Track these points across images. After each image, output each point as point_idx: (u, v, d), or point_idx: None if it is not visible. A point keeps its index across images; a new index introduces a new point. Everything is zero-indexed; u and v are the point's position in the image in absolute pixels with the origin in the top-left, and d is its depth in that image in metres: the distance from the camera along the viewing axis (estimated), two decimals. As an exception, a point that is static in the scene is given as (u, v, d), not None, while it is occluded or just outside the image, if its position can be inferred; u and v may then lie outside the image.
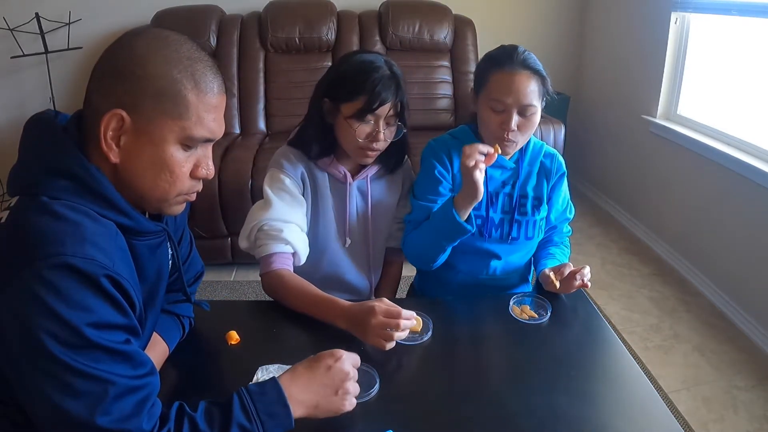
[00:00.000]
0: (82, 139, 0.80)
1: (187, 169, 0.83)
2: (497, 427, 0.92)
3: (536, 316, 1.21)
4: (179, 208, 0.88)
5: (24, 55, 3.01)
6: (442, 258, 1.34)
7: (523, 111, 1.26)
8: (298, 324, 1.18)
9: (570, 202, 1.50)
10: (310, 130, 1.33)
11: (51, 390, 0.69)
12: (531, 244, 1.44)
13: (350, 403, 0.88)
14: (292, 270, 1.27)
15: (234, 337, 1.10)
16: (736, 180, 2.39)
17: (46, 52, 3.02)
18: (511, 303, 1.24)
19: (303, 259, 1.31)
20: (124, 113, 0.76)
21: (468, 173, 1.20)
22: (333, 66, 1.34)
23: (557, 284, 1.26)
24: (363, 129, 1.26)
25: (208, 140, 0.84)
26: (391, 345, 1.05)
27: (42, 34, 3.00)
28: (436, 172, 1.37)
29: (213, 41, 3.09)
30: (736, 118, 2.56)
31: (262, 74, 3.15)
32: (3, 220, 0.76)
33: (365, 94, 1.23)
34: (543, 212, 1.41)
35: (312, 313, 1.17)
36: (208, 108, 0.81)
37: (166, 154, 0.80)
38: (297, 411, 0.84)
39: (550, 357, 1.11)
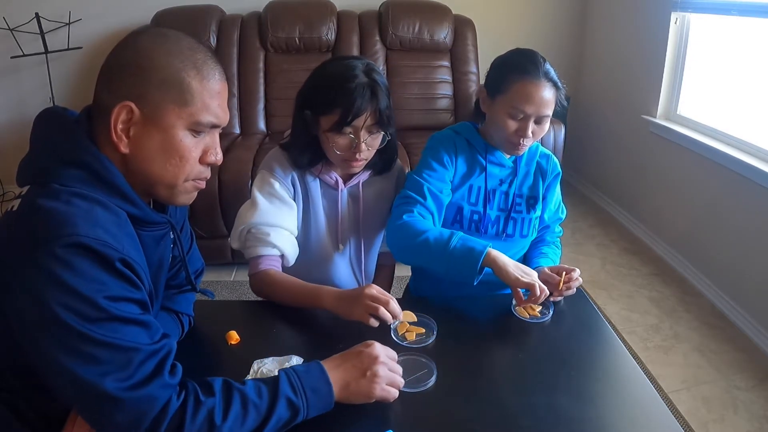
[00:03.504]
0: (91, 131, 0.83)
1: (197, 155, 0.86)
2: (497, 427, 0.92)
3: (539, 315, 1.21)
4: (189, 198, 0.91)
5: (24, 55, 3.01)
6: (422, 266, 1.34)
7: (539, 120, 1.28)
8: (298, 324, 1.18)
9: (562, 203, 1.51)
10: (296, 142, 1.30)
11: (75, 365, 0.71)
12: (525, 242, 1.45)
13: (381, 388, 0.90)
14: (279, 270, 1.27)
15: (234, 337, 1.10)
16: (736, 180, 2.39)
17: (46, 52, 3.02)
18: (513, 302, 1.23)
19: (291, 261, 1.31)
20: (133, 105, 0.79)
21: (521, 284, 1.17)
22: (310, 75, 1.29)
23: (561, 286, 1.24)
24: (342, 142, 1.23)
25: (214, 126, 0.87)
26: (375, 323, 1.06)
27: (42, 34, 3.00)
28: (445, 158, 1.36)
29: (213, 41, 3.09)
30: (736, 118, 2.56)
31: (262, 74, 3.15)
32: (14, 209, 0.78)
33: (340, 105, 1.19)
34: (538, 211, 1.43)
35: (300, 302, 1.19)
36: (212, 94, 0.85)
37: (176, 140, 0.83)
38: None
39: (550, 357, 1.11)
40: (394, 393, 0.92)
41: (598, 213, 3.52)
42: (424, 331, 1.13)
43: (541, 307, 1.22)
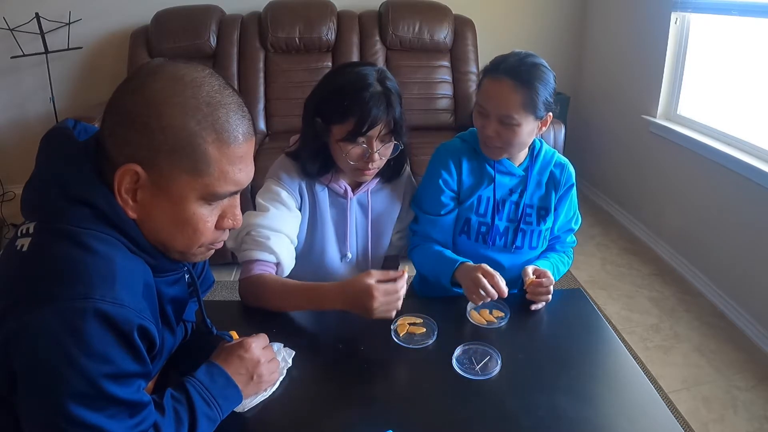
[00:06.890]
0: (104, 163, 0.75)
1: (212, 224, 0.78)
2: (497, 427, 0.93)
3: (495, 320, 1.19)
4: (204, 257, 0.85)
5: (24, 55, 3.01)
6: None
7: (503, 120, 1.24)
8: (297, 324, 1.18)
9: (578, 212, 1.45)
10: (306, 150, 1.28)
11: (43, 426, 0.68)
12: (534, 254, 1.40)
13: (267, 382, 0.95)
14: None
15: (234, 337, 1.10)
16: (736, 180, 2.39)
17: (46, 52, 3.02)
18: (468, 308, 1.22)
19: (286, 272, 1.26)
20: (139, 168, 0.71)
21: (468, 292, 1.21)
22: (321, 82, 1.26)
23: (530, 279, 1.23)
24: (355, 152, 1.21)
25: (234, 193, 0.79)
26: (393, 313, 1.08)
27: (42, 34, 2.99)
28: (440, 181, 1.34)
29: (213, 41, 3.09)
30: (736, 118, 2.56)
31: (262, 74, 3.14)
32: (25, 248, 0.71)
33: (355, 115, 1.17)
34: (549, 223, 1.38)
35: (302, 305, 1.16)
36: (233, 160, 0.74)
37: (188, 212, 0.75)
38: None
39: (550, 357, 1.11)
40: (275, 377, 0.98)
41: (598, 213, 3.52)
42: (424, 331, 1.13)
43: (496, 311, 1.21)
